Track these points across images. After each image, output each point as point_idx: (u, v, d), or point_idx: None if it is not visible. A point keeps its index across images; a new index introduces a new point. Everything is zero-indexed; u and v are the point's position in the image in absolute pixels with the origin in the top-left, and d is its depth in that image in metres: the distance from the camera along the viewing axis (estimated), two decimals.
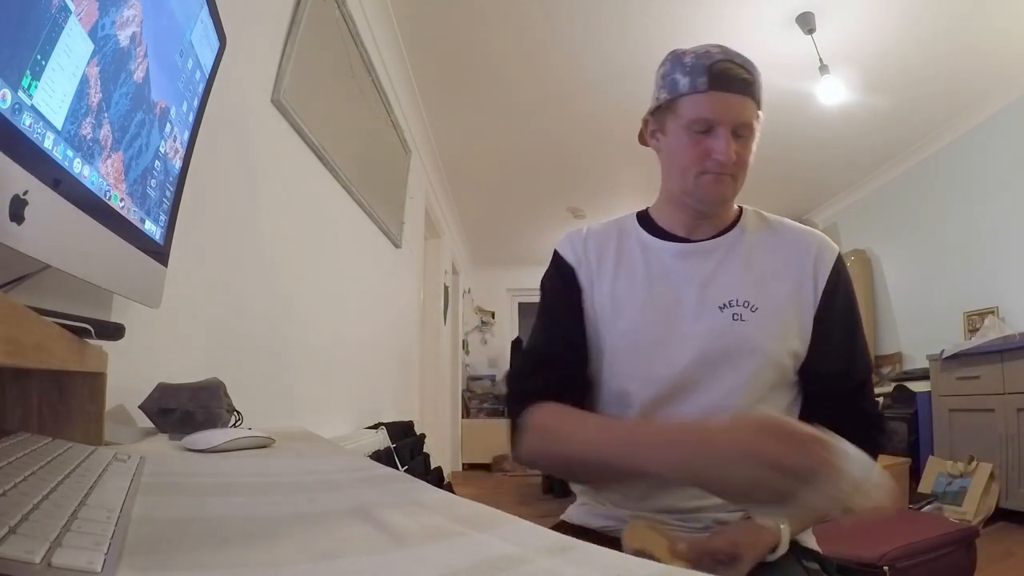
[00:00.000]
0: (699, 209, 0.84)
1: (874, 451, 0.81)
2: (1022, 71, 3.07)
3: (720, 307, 0.79)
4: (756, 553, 0.68)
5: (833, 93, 3.06)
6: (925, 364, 3.50)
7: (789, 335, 0.79)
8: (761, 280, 0.81)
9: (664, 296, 0.82)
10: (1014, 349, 2.86)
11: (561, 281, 0.89)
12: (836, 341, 0.80)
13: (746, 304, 0.79)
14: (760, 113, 0.80)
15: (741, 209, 0.89)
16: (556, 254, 0.91)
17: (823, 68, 2.89)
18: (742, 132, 0.78)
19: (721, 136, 0.77)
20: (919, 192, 4.05)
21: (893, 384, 3.83)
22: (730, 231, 0.86)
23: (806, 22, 2.65)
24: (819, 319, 0.80)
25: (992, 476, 2.80)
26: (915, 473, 3.17)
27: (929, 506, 2.88)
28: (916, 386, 3.60)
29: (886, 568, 1.54)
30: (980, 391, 3.03)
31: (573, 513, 0.88)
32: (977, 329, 3.36)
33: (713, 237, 0.85)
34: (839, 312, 0.81)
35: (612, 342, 0.83)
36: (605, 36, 2.81)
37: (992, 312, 3.38)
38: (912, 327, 4.16)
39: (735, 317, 0.78)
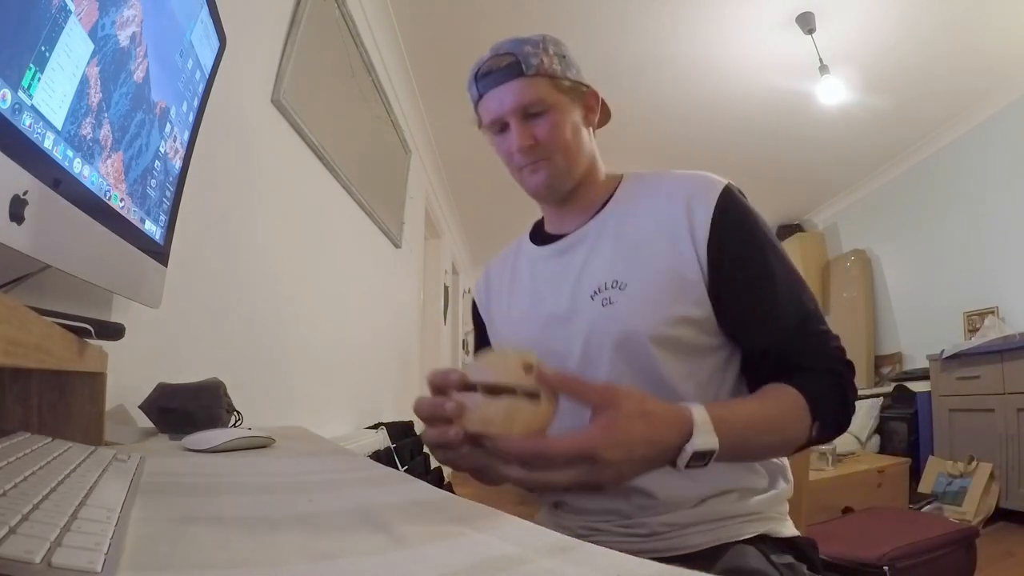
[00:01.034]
0: (546, 202, 0.84)
1: (842, 394, 0.67)
2: (1022, 71, 3.07)
3: (591, 296, 0.74)
4: (644, 426, 0.53)
5: (833, 93, 3.06)
6: (925, 364, 3.50)
7: (670, 302, 0.69)
8: (633, 252, 0.73)
9: (546, 304, 0.79)
10: (1014, 349, 2.86)
11: (476, 322, 0.94)
12: (743, 288, 0.69)
13: (615, 284, 0.72)
14: (562, 80, 0.76)
15: (621, 179, 0.83)
16: (473, 297, 0.95)
17: (823, 68, 2.90)
18: (533, 110, 0.75)
19: (512, 128, 0.76)
20: (919, 192, 4.05)
21: (893, 384, 3.83)
22: (601, 211, 0.80)
23: (806, 22, 2.65)
24: (714, 269, 0.69)
25: (992, 476, 2.80)
26: (915, 473, 3.17)
27: (929, 506, 2.88)
28: (916, 386, 3.60)
29: (886, 568, 1.54)
30: (980, 391, 3.03)
31: (543, 519, 0.84)
32: (977, 329, 3.36)
33: (584, 224, 0.80)
34: (736, 253, 0.70)
35: None
36: (605, 36, 2.81)
37: (992, 312, 3.38)
38: (912, 327, 4.16)
39: (604, 303, 0.72)
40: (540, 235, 0.88)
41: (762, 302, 0.69)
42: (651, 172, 0.82)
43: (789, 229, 5.35)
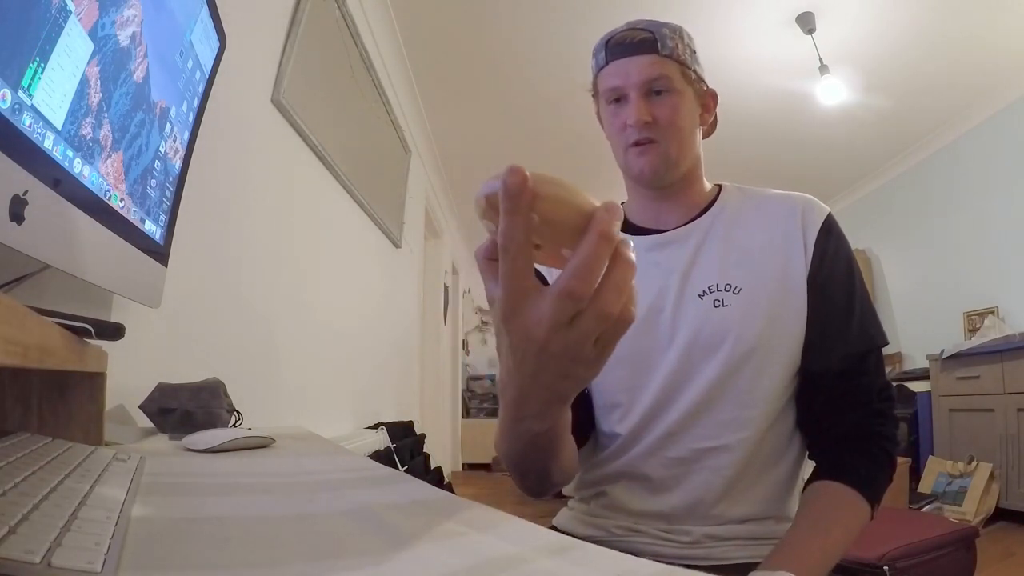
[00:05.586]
0: (650, 190, 0.80)
1: (879, 442, 0.72)
2: (1021, 71, 3.07)
3: (700, 295, 0.73)
4: None
5: (833, 93, 3.07)
6: (925, 364, 3.50)
7: (783, 314, 0.72)
8: (746, 258, 0.74)
9: (642, 295, 0.77)
10: (1014, 349, 2.86)
11: None
12: (830, 307, 0.72)
13: (728, 287, 0.73)
14: (690, 70, 0.76)
15: (720, 188, 0.84)
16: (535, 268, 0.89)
17: (823, 68, 2.90)
18: (657, 87, 0.74)
19: (631, 100, 0.74)
20: (919, 192, 4.05)
21: (893, 384, 3.83)
22: (706, 213, 0.80)
23: (806, 22, 2.65)
24: (810, 285, 0.73)
25: (992, 476, 2.80)
26: (915, 473, 3.17)
27: (929, 506, 2.88)
28: (916, 386, 3.60)
29: (886, 568, 1.54)
30: (980, 391, 3.03)
31: (562, 519, 0.84)
32: (977, 329, 3.36)
33: (688, 223, 0.79)
34: (831, 275, 0.73)
35: None
36: None
37: (992, 312, 3.38)
38: (912, 327, 4.16)
39: (716, 303, 0.72)
40: (625, 223, 0.84)
41: (837, 325, 0.72)
42: (751, 187, 0.83)
43: None
